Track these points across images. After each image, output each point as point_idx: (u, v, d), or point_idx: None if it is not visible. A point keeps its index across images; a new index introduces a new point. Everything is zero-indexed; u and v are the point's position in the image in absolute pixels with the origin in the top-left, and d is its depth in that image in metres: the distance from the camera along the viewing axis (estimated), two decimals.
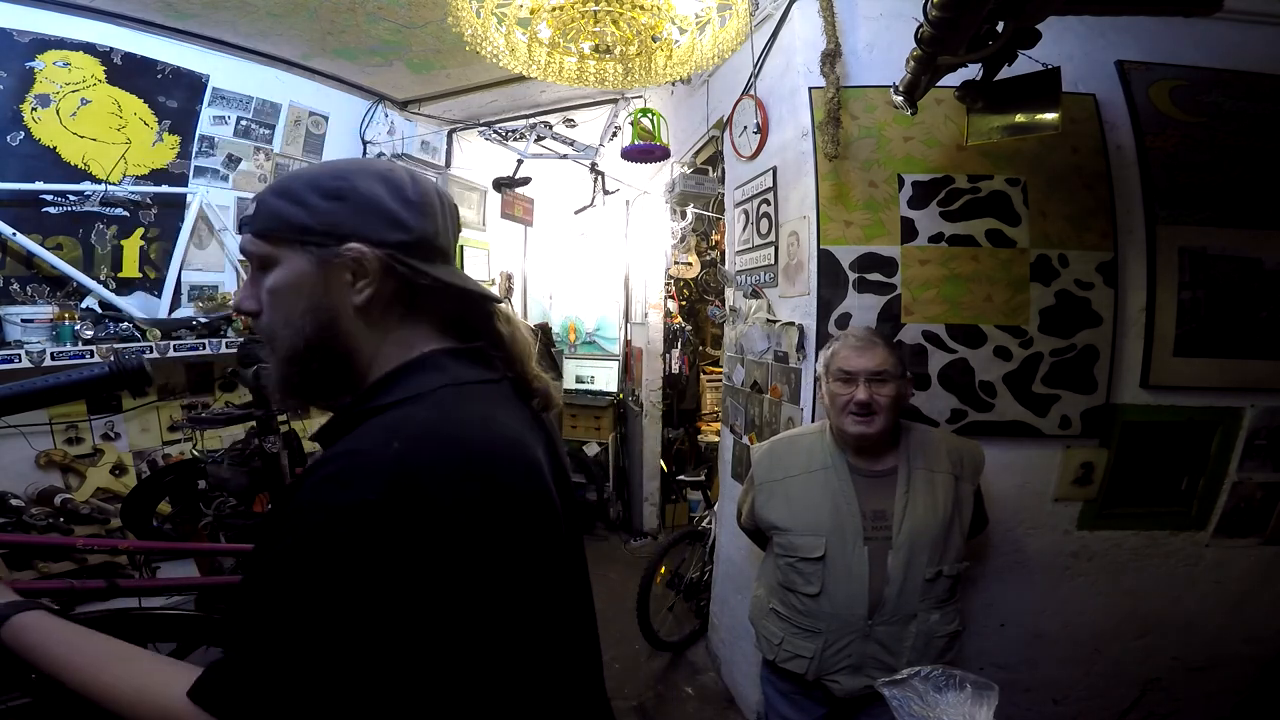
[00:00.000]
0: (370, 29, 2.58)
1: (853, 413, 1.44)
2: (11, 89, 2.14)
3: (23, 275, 2.19)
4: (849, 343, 1.50)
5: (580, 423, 4.54)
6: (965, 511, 1.48)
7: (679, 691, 2.71)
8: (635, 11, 1.53)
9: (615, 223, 4.57)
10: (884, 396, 1.42)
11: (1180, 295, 1.91)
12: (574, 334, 4.93)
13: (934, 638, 1.43)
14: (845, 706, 1.48)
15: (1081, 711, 2.08)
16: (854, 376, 1.44)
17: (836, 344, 1.53)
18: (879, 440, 1.47)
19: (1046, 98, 1.47)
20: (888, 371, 1.43)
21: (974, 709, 0.98)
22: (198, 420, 2.12)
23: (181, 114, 2.58)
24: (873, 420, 1.43)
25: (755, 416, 2.30)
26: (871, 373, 1.43)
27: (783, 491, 1.54)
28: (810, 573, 1.46)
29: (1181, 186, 1.92)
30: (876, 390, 1.43)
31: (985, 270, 1.89)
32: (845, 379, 1.46)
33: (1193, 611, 2.04)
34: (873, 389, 1.43)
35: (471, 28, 1.58)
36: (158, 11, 2.39)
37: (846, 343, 1.50)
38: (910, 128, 1.89)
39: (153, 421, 2.57)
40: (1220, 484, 1.98)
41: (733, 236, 2.56)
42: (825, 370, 1.53)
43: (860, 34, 1.95)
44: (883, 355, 1.45)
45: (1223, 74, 1.94)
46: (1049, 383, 1.90)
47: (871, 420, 1.43)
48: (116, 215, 2.40)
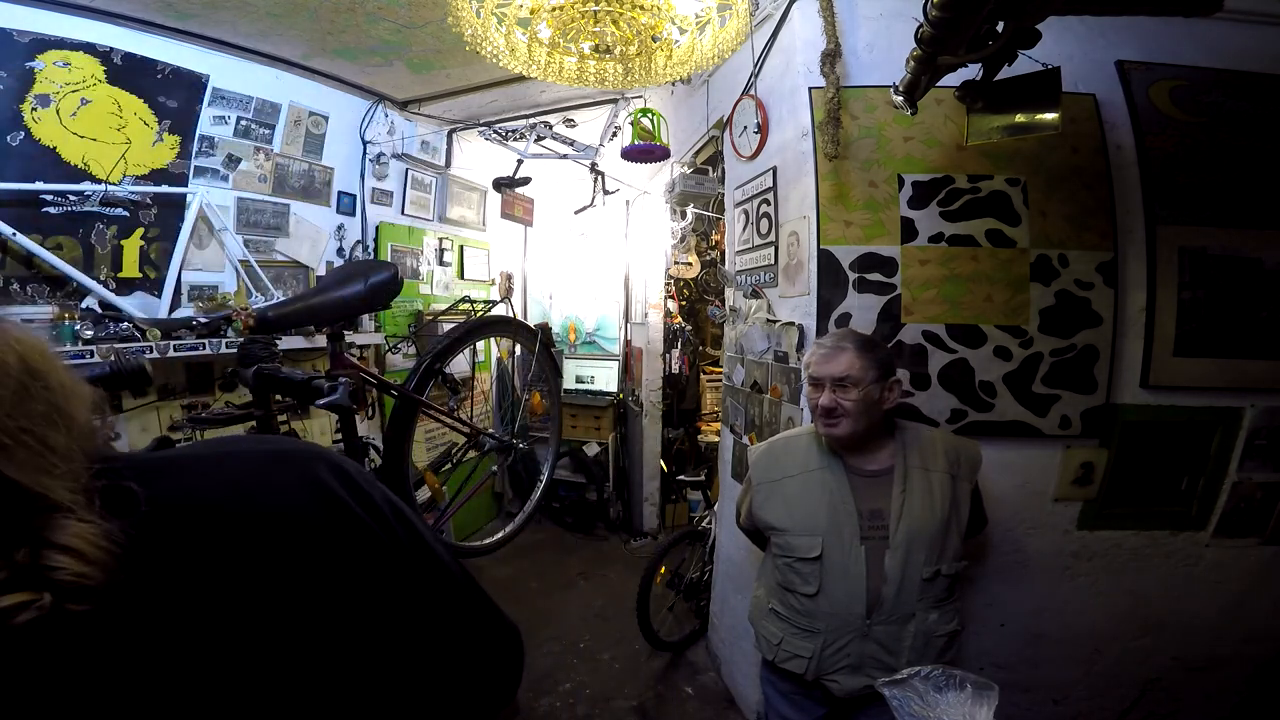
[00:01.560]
0: (370, 29, 2.58)
1: (820, 416, 1.48)
2: (11, 89, 2.13)
3: (23, 275, 2.19)
4: (817, 349, 1.52)
5: (580, 423, 4.54)
6: (963, 510, 1.48)
7: (679, 691, 2.71)
8: (635, 11, 1.53)
9: (615, 223, 4.57)
10: (849, 401, 1.44)
11: (1180, 295, 1.91)
12: (574, 334, 4.93)
13: (933, 637, 1.43)
14: (845, 706, 1.49)
15: (1081, 711, 2.08)
16: (820, 382, 1.48)
17: (809, 352, 1.55)
18: (849, 440, 1.48)
19: (1046, 98, 1.47)
20: (851, 377, 1.44)
21: (974, 709, 0.98)
22: (198, 420, 2.12)
23: (181, 114, 2.58)
24: (838, 424, 1.46)
25: (755, 416, 2.30)
26: (835, 379, 1.45)
27: (780, 492, 1.54)
28: (808, 573, 1.46)
29: (1181, 186, 1.92)
30: (841, 395, 1.44)
31: (985, 270, 1.89)
32: (813, 384, 1.50)
33: (1193, 611, 2.04)
34: (836, 394, 1.45)
35: (471, 28, 1.58)
36: (158, 11, 2.39)
37: (815, 349, 1.53)
38: (910, 128, 1.89)
39: (153, 421, 2.56)
40: (1220, 484, 1.98)
41: (733, 236, 2.56)
42: (804, 374, 1.57)
43: (860, 34, 1.95)
44: (848, 361, 1.45)
45: (1223, 74, 1.94)
46: (1049, 383, 1.91)
47: (837, 424, 1.46)
48: (116, 215, 2.40)
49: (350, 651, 0.55)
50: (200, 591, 0.47)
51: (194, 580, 0.47)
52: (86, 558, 0.39)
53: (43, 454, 0.41)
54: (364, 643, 0.56)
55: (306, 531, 0.53)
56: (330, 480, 0.56)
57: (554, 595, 3.51)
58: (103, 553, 0.39)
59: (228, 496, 0.51)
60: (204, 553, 0.48)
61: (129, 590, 0.41)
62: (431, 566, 0.62)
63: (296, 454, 0.58)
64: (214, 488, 0.51)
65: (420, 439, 3.63)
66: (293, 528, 0.53)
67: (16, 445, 0.39)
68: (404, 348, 3.64)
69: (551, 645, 3.03)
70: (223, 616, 0.48)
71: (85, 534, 0.39)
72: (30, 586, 0.36)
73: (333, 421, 3.02)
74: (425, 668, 0.61)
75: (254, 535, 0.51)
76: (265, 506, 0.52)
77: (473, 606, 0.66)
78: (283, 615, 0.51)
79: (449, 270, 4.12)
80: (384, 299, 2.09)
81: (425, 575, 0.62)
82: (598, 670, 2.87)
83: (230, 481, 0.52)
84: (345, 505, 0.56)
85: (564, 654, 2.97)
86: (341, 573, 0.55)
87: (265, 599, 0.50)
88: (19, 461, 0.39)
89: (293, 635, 0.51)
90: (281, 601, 0.51)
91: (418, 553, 0.61)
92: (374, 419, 3.37)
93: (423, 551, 0.62)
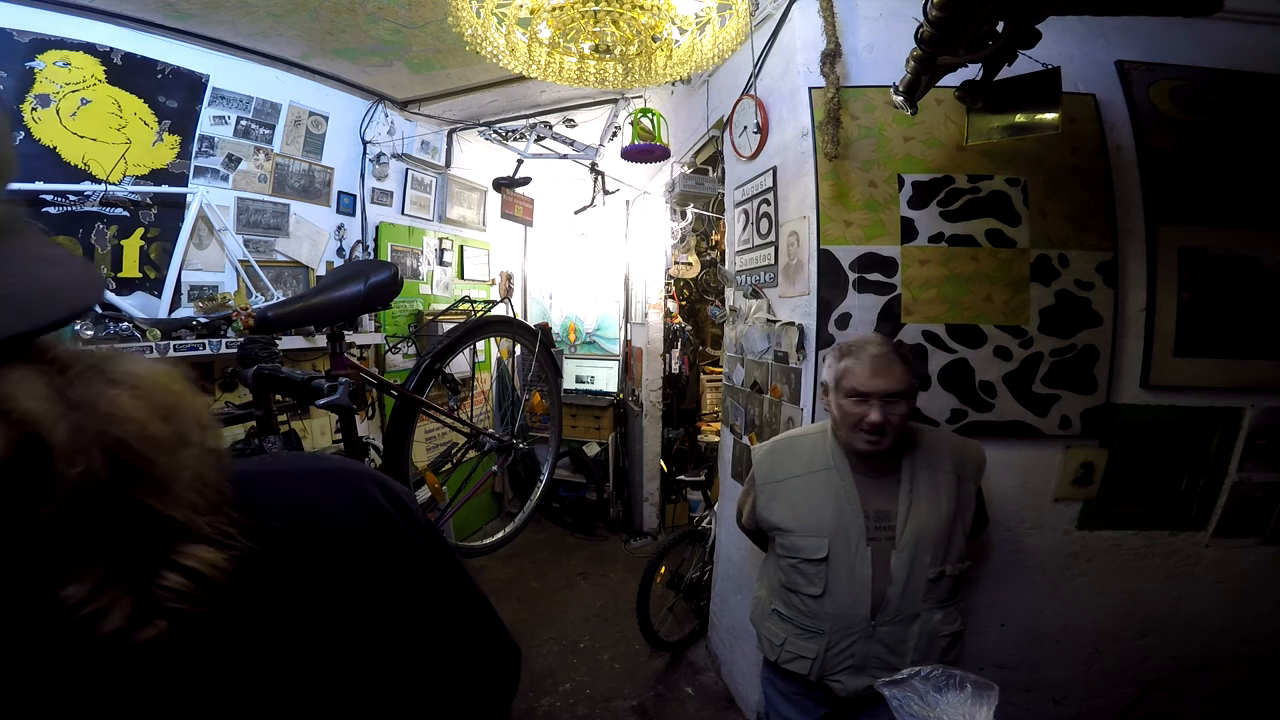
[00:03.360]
0: (370, 29, 2.58)
1: (864, 431, 1.40)
2: (11, 89, 2.13)
3: None
4: (865, 362, 1.40)
5: (580, 423, 4.54)
6: (967, 511, 1.48)
7: (679, 691, 2.71)
8: (635, 11, 1.53)
9: (615, 223, 4.57)
10: (897, 416, 1.39)
11: (1180, 295, 1.91)
12: (574, 334, 4.93)
13: (937, 637, 1.43)
14: (847, 706, 1.49)
15: (1081, 711, 2.08)
16: (868, 397, 1.39)
17: (850, 360, 1.43)
18: (890, 453, 1.44)
19: (1046, 98, 1.47)
20: (902, 391, 1.38)
21: (974, 709, 0.98)
22: None
23: (181, 114, 2.58)
24: (883, 439, 1.40)
25: (755, 416, 2.30)
26: (887, 394, 1.38)
27: (785, 492, 1.54)
28: (813, 574, 1.46)
29: (1181, 186, 1.92)
30: (890, 411, 1.38)
31: (985, 270, 1.89)
32: (858, 398, 1.40)
33: (1192, 611, 2.04)
34: (886, 410, 1.38)
35: (471, 28, 1.58)
36: (158, 11, 2.39)
37: (862, 361, 1.41)
38: (910, 128, 1.89)
39: None
40: (1220, 484, 1.98)
41: (733, 236, 2.56)
42: (835, 384, 1.46)
43: (860, 34, 1.95)
44: (899, 375, 1.38)
45: (1223, 74, 1.94)
46: (1049, 383, 1.91)
47: (882, 439, 1.40)
48: (116, 215, 2.40)
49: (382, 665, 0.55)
50: (274, 613, 0.47)
51: (269, 601, 0.47)
52: (207, 582, 0.40)
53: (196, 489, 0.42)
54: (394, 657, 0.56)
55: (364, 552, 0.53)
56: (381, 500, 0.56)
57: (554, 595, 3.50)
58: (219, 575, 0.41)
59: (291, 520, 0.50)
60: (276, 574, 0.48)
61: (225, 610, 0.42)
62: (459, 584, 0.63)
63: (346, 473, 0.58)
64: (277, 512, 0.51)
65: (420, 439, 3.63)
66: (352, 548, 0.53)
67: (166, 484, 0.40)
68: (404, 348, 3.64)
69: (551, 645, 3.03)
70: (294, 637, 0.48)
71: (209, 559, 0.41)
72: (156, 611, 0.38)
73: (333, 421, 3.03)
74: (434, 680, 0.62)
75: (318, 557, 0.51)
76: (325, 528, 0.52)
77: (485, 623, 0.67)
78: (341, 636, 0.51)
79: (449, 270, 4.13)
80: (384, 299, 2.09)
81: (453, 592, 0.63)
82: (598, 670, 2.87)
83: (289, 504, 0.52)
84: (397, 525, 0.56)
85: (564, 654, 2.97)
86: (391, 592, 0.55)
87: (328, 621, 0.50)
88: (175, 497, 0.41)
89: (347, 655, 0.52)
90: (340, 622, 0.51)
91: (449, 570, 0.62)
92: (374, 419, 3.37)
93: (454, 569, 0.63)
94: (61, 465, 0.34)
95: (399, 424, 2.22)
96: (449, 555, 0.62)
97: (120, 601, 0.37)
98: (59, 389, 0.36)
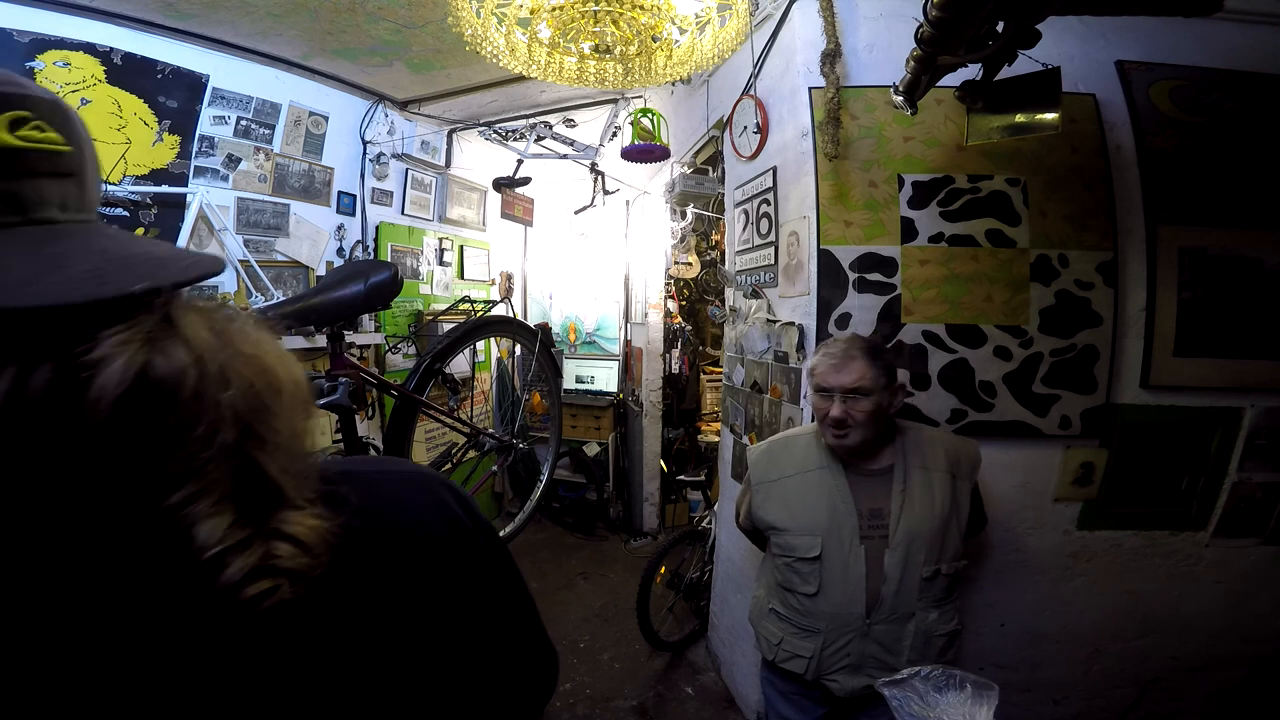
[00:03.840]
0: (370, 29, 2.58)
1: (830, 426, 1.45)
2: None
3: None
4: (826, 358, 1.47)
5: (580, 423, 4.54)
6: (962, 510, 1.48)
7: (679, 691, 2.71)
8: (635, 11, 1.53)
9: (615, 223, 4.57)
10: (860, 412, 1.41)
11: (1180, 295, 1.91)
12: (574, 334, 4.93)
13: (933, 636, 1.43)
14: (845, 706, 1.49)
15: (1081, 711, 2.09)
16: (829, 392, 1.44)
17: (817, 357, 1.50)
18: (859, 448, 1.47)
19: (1046, 98, 1.47)
20: (863, 387, 1.41)
21: (974, 709, 0.98)
22: None
23: (181, 114, 2.58)
24: (849, 434, 1.43)
25: (755, 416, 2.30)
26: (846, 389, 1.42)
27: (779, 492, 1.54)
28: (808, 572, 1.46)
29: (1181, 186, 1.92)
30: (852, 406, 1.41)
31: (985, 270, 1.89)
32: (823, 393, 1.46)
33: (1192, 611, 2.04)
34: (848, 405, 1.42)
35: (471, 28, 1.58)
36: (158, 11, 2.39)
37: (824, 357, 1.48)
38: (910, 128, 1.89)
39: None
40: (1220, 484, 1.98)
41: (733, 236, 2.56)
42: (808, 381, 1.52)
43: (860, 34, 1.95)
44: (859, 370, 1.42)
45: (1222, 74, 1.94)
46: (1049, 383, 1.91)
47: (847, 434, 1.43)
48: (116, 215, 2.40)
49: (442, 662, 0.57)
50: (357, 606, 0.50)
51: (353, 595, 0.49)
52: (311, 550, 0.43)
53: (294, 454, 0.46)
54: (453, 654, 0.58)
55: (441, 554, 0.56)
56: (452, 503, 0.59)
57: (554, 595, 3.50)
58: (323, 546, 0.44)
59: (377, 520, 0.53)
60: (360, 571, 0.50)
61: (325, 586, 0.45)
62: (514, 587, 0.65)
63: (421, 477, 0.60)
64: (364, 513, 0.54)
65: (420, 439, 3.63)
66: (430, 549, 0.55)
67: (278, 447, 0.44)
68: (404, 348, 3.64)
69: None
70: (373, 629, 0.50)
71: (312, 526, 0.44)
72: (268, 574, 0.40)
73: (333, 421, 3.02)
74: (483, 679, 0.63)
75: (399, 557, 0.53)
76: (408, 530, 0.55)
77: (530, 626, 0.69)
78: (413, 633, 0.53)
79: (449, 270, 4.12)
80: (384, 299, 2.09)
81: (509, 595, 0.65)
82: (598, 670, 2.87)
83: (375, 506, 0.54)
84: (468, 530, 0.59)
85: (564, 654, 2.95)
86: (461, 594, 0.57)
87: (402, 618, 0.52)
88: (279, 462, 0.44)
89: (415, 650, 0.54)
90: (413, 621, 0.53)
91: (506, 573, 0.64)
92: (374, 419, 3.36)
93: (510, 572, 0.65)
94: (215, 390, 0.40)
95: (399, 424, 2.22)
96: (507, 557, 0.64)
97: (250, 549, 0.40)
98: (215, 330, 0.42)
